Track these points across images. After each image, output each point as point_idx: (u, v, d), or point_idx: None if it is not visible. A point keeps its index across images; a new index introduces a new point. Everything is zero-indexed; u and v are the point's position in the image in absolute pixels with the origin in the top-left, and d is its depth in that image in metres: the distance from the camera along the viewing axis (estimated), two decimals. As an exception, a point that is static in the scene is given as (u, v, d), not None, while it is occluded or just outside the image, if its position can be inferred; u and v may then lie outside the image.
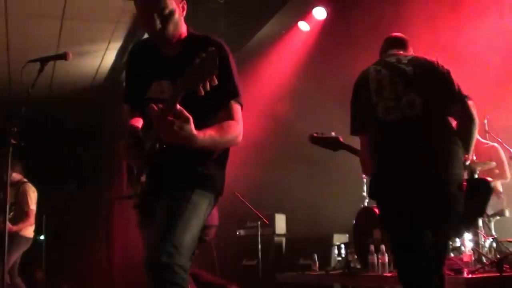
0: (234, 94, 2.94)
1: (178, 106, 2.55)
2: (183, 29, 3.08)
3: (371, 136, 3.91)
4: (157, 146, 2.82)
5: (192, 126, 2.60)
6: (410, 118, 3.69)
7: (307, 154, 8.08)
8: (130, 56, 3.33)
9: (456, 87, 3.75)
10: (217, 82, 2.48)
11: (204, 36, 3.07)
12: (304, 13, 8.25)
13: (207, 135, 2.73)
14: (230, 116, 2.91)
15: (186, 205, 2.86)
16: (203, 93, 2.46)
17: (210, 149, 2.94)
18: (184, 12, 3.07)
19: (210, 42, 2.94)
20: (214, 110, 2.92)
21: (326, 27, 8.22)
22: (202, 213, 2.94)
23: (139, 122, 3.15)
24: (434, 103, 3.70)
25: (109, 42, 9.33)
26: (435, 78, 3.78)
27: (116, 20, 8.56)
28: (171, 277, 2.66)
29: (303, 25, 8.41)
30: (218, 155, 3.03)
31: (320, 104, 8.16)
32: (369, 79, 3.98)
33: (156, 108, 2.60)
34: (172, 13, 2.95)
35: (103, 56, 9.90)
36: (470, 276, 4.97)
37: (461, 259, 5.38)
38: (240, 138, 2.94)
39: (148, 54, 3.16)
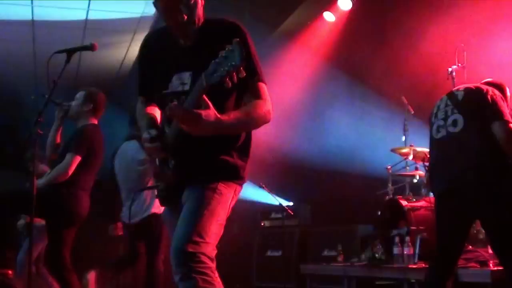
0: (256, 74, 2.91)
1: (204, 97, 2.55)
2: (202, 18, 3.03)
3: (430, 154, 4.65)
4: (176, 138, 2.83)
5: (215, 111, 2.59)
6: (452, 135, 4.24)
7: (332, 145, 8.07)
8: (144, 48, 3.28)
9: (499, 110, 4.15)
10: (245, 74, 2.45)
11: (218, 20, 3.02)
12: (330, 3, 8.19)
13: (232, 117, 2.72)
14: (257, 96, 2.90)
15: (212, 195, 2.87)
16: (230, 85, 2.44)
17: (236, 134, 2.95)
18: (203, 3, 3.02)
19: (226, 26, 2.94)
20: (240, 92, 2.91)
21: (351, 18, 8.16)
22: (228, 203, 2.95)
23: (155, 111, 3.15)
24: (474, 122, 4.18)
25: (134, 33, 9.35)
26: (479, 101, 4.23)
27: (141, 11, 8.58)
28: (197, 266, 2.67)
29: (328, 16, 8.35)
30: (242, 142, 3.02)
31: (344, 96, 8.13)
32: (435, 105, 4.56)
33: (177, 106, 2.59)
34: (196, 4, 2.92)
35: (128, 48, 9.94)
36: (495, 268, 4.92)
37: (487, 251, 5.33)
38: (269, 115, 2.92)
39: (164, 45, 3.11)
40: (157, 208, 5.76)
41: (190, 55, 2.94)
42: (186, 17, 2.88)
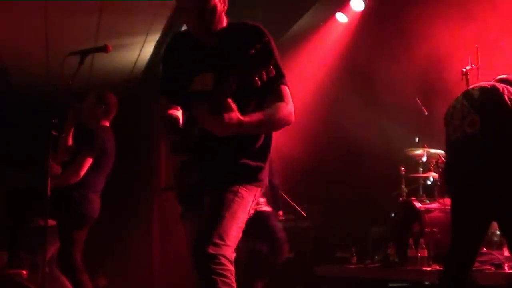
0: (279, 76, 2.91)
1: (228, 98, 2.58)
2: (224, 21, 3.07)
3: (446, 155, 4.63)
4: (198, 140, 2.86)
5: (238, 113, 2.63)
6: (469, 136, 4.17)
7: (345, 146, 8.05)
8: (168, 50, 3.32)
9: None
10: (274, 73, 2.48)
11: (241, 23, 3.06)
12: (342, 4, 8.17)
13: (254, 118, 2.75)
14: (278, 98, 2.92)
15: (233, 198, 2.89)
16: (259, 84, 2.47)
17: (256, 135, 2.97)
18: (226, 6, 3.06)
19: (249, 28, 2.97)
20: (263, 94, 2.91)
21: (364, 19, 8.13)
22: (248, 206, 2.97)
23: (177, 112, 3.16)
24: (491, 122, 4.13)
25: (147, 35, 9.37)
26: (495, 101, 4.17)
27: (154, 13, 8.59)
28: (217, 268, 2.69)
29: (341, 17, 8.32)
30: (261, 143, 3.03)
31: (357, 97, 8.11)
32: (451, 105, 4.50)
33: (199, 105, 2.61)
34: (215, 7, 2.94)
35: (141, 49, 9.95)
36: (510, 271, 4.90)
37: (502, 254, 5.31)
38: (291, 117, 2.95)
39: (187, 47, 3.14)
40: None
41: (213, 56, 2.98)
42: (206, 19, 2.92)
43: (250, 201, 2.99)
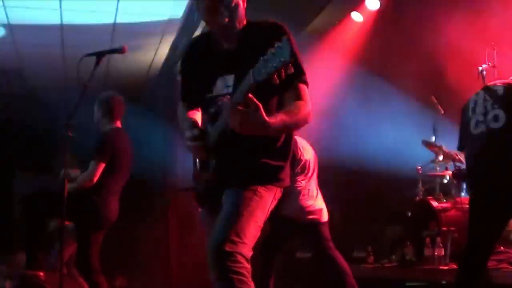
0: (299, 74, 2.89)
1: (249, 95, 2.55)
2: (244, 20, 3.06)
3: (466, 149, 4.54)
4: (218, 139, 2.86)
5: (263, 113, 2.59)
6: (493, 131, 4.15)
7: (361, 145, 8.03)
8: (187, 55, 3.30)
9: None
10: (293, 70, 2.45)
11: (261, 21, 3.05)
12: (357, 3, 8.15)
13: (278, 120, 2.72)
14: (298, 97, 2.90)
15: (252, 197, 2.87)
16: (278, 82, 2.43)
17: (276, 136, 2.95)
18: (245, 3, 3.04)
19: (269, 26, 2.94)
20: (282, 92, 2.90)
21: (379, 18, 8.11)
22: (267, 206, 2.95)
23: (196, 115, 3.16)
24: None
25: (162, 36, 9.39)
26: None
27: (169, 14, 8.61)
28: (233, 266, 2.67)
29: (356, 16, 8.30)
30: (281, 143, 3.01)
31: (372, 96, 8.09)
32: (469, 100, 4.48)
33: (224, 105, 2.61)
34: (237, 5, 2.94)
35: (157, 50, 9.98)
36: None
37: (519, 252, 5.29)
38: (310, 117, 2.93)
39: (207, 50, 3.12)
40: None
41: (234, 57, 2.96)
42: (227, 19, 2.91)
43: (270, 201, 2.96)
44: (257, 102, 2.57)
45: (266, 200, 2.94)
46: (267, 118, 2.61)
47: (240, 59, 2.84)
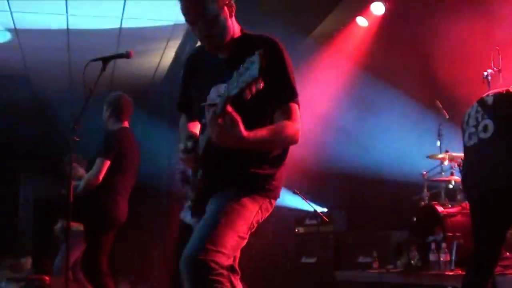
0: (290, 94, 2.89)
1: (228, 108, 2.51)
2: (235, 29, 3.04)
3: (463, 162, 4.70)
4: (205, 148, 2.85)
5: (241, 127, 2.56)
6: (483, 141, 4.21)
7: (366, 150, 8.02)
8: (186, 65, 3.30)
9: None
10: (262, 86, 2.36)
11: (258, 36, 3.03)
12: (362, 8, 8.15)
13: (258, 136, 2.70)
14: (286, 116, 2.87)
15: (233, 206, 2.83)
16: (249, 97, 2.38)
17: (264, 150, 2.92)
18: (233, 11, 3.00)
19: (263, 41, 2.90)
20: (271, 110, 2.89)
21: (384, 23, 8.11)
22: (251, 217, 2.90)
23: (196, 127, 3.17)
24: (506, 126, 4.15)
25: (168, 41, 9.42)
26: (509, 105, 4.24)
27: (175, 19, 8.64)
28: (206, 274, 2.61)
29: (361, 21, 8.31)
30: (275, 155, 2.99)
31: (377, 101, 8.08)
32: (465, 112, 4.54)
33: (210, 111, 2.60)
34: (216, 17, 2.90)
35: (162, 55, 10.01)
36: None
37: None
38: (297, 137, 2.89)
39: (204, 59, 3.14)
40: None
41: (226, 67, 2.92)
42: (206, 31, 2.90)
43: (254, 212, 2.90)
44: (234, 116, 2.53)
45: (250, 210, 2.88)
46: (244, 133, 2.58)
47: (231, 69, 2.81)
